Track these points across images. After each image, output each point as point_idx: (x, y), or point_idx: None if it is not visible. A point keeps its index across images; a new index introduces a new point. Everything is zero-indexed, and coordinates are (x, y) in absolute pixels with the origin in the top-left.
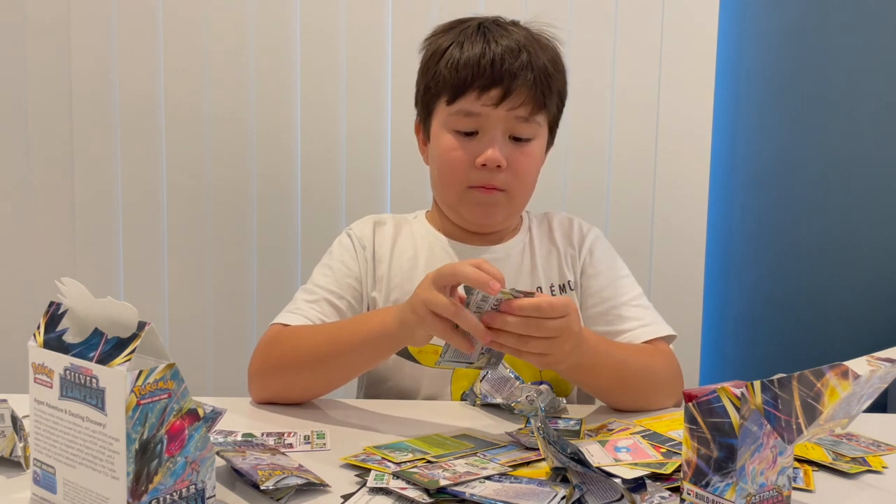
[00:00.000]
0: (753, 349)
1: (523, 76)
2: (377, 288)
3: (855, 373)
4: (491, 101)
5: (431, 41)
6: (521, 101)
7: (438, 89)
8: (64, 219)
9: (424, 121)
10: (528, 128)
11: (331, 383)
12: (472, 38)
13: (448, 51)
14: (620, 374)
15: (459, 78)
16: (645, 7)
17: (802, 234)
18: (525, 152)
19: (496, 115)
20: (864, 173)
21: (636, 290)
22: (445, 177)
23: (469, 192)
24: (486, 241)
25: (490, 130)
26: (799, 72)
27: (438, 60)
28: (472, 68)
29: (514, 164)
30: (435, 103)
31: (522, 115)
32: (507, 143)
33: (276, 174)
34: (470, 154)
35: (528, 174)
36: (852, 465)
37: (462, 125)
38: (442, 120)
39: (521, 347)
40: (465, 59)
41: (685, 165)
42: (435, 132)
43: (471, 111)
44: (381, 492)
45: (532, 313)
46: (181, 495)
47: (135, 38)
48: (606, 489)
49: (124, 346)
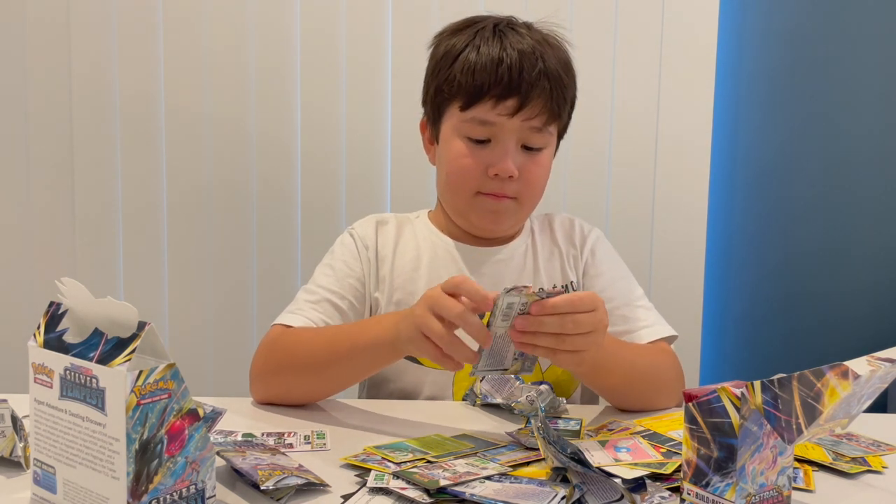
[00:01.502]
0: (753, 349)
1: (540, 86)
2: (380, 288)
3: (855, 373)
4: (507, 110)
5: (443, 40)
6: (536, 111)
7: (452, 93)
8: (64, 219)
9: (434, 122)
10: (541, 138)
11: (331, 388)
12: (488, 42)
13: (463, 53)
14: (630, 374)
15: (475, 85)
16: (645, 9)
17: (802, 235)
18: (536, 162)
19: (511, 124)
20: (864, 174)
21: (638, 290)
22: (455, 183)
23: (478, 198)
24: (490, 242)
25: (503, 140)
26: (799, 73)
27: (452, 63)
28: (489, 76)
29: (525, 174)
30: (447, 107)
31: (537, 125)
32: (520, 152)
33: (275, 174)
34: (482, 162)
35: (539, 183)
36: (852, 465)
37: (476, 133)
38: (454, 125)
39: (559, 346)
40: (482, 66)
41: (685, 166)
42: (445, 136)
43: (486, 120)
44: (381, 492)
45: (568, 309)
46: (181, 495)
47: (135, 38)
48: (606, 489)
49: (124, 346)
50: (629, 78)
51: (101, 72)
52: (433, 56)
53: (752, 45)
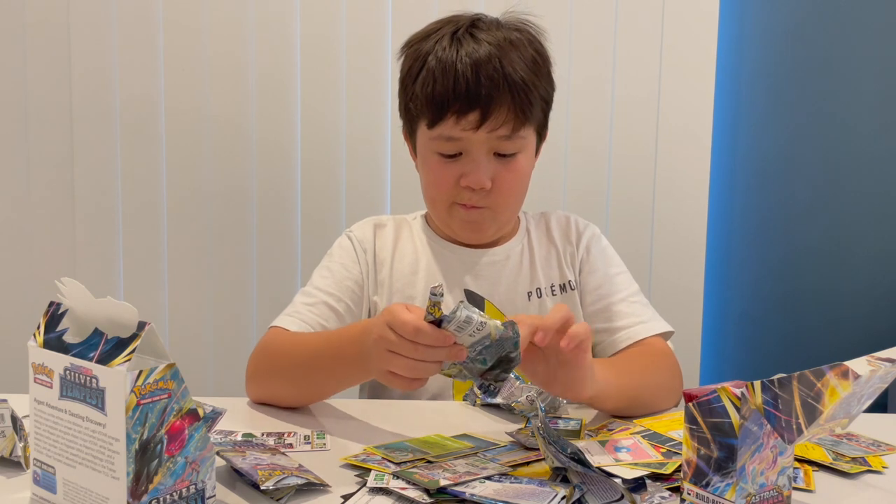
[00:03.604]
0: (753, 349)
1: (500, 97)
2: (379, 292)
3: (855, 373)
4: (470, 125)
5: (408, 52)
6: (500, 121)
7: (418, 111)
8: (64, 219)
9: (409, 135)
10: (513, 144)
11: (317, 396)
12: (446, 52)
13: (424, 69)
14: (630, 395)
15: (436, 102)
16: (645, 7)
17: (803, 234)
18: (511, 168)
19: (477, 137)
20: (865, 173)
21: (632, 286)
22: (431, 196)
23: (455, 208)
24: (485, 244)
25: (473, 153)
26: (799, 71)
27: (415, 79)
28: (447, 94)
29: (499, 183)
30: (416, 124)
31: (504, 133)
32: (492, 160)
33: (275, 175)
34: (455, 175)
35: (515, 189)
36: (852, 465)
37: (445, 149)
38: (424, 142)
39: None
40: (440, 82)
41: (685, 165)
42: (420, 150)
43: (451, 136)
44: (381, 492)
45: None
46: (181, 495)
47: (135, 39)
48: (606, 489)
49: (124, 346)
50: (629, 78)
51: (101, 72)
52: (401, 69)
53: (752, 43)
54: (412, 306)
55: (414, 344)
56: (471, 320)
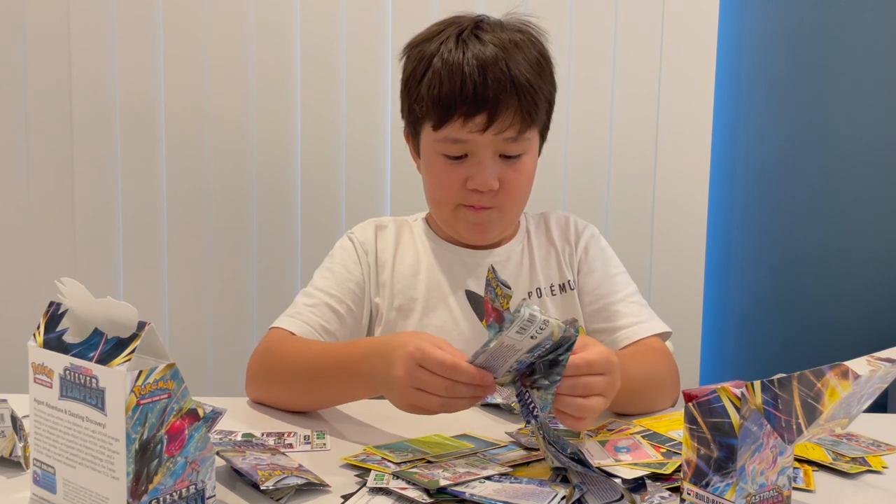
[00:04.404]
0: (753, 349)
1: (507, 99)
2: (380, 294)
3: (855, 373)
4: (477, 127)
5: (411, 53)
6: (507, 123)
7: (423, 113)
8: (64, 219)
9: (413, 136)
10: (518, 146)
11: (317, 405)
12: (452, 54)
13: (429, 70)
14: (629, 392)
15: (442, 104)
16: (645, 7)
17: (802, 234)
18: (517, 169)
19: (484, 139)
20: (865, 174)
21: (631, 287)
22: (436, 198)
23: (461, 209)
24: (486, 245)
25: (479, 154)
26: (799, 72)
27: (420, 80)
28: (454, 96)
29: (505, 184)
30: (421, 126)
31: (511, 135)
32: (498, 162)
33: (276, 175)
34: (461, 176)
35: (521, 190)
36: (852, 465)
37: (451, 151)
38: (429, 144)
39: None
40: (447, 84)
41: (685, 165)
42: (424, 152)
43: (458, 138)
44: (381, 492)
45: (582, 371)
46: (181, 495)
47: (135, 39)
48: (606, 489)
49: (124, 346)
50: (629, 78)
51: (101, 72)
52: (404, 70)
53: (752, 43)
54: (438, 339)
55: (449, 382)
56: (534, 319)
